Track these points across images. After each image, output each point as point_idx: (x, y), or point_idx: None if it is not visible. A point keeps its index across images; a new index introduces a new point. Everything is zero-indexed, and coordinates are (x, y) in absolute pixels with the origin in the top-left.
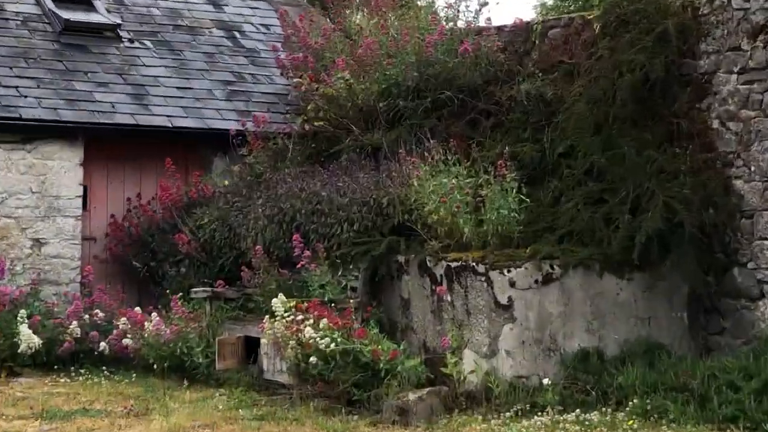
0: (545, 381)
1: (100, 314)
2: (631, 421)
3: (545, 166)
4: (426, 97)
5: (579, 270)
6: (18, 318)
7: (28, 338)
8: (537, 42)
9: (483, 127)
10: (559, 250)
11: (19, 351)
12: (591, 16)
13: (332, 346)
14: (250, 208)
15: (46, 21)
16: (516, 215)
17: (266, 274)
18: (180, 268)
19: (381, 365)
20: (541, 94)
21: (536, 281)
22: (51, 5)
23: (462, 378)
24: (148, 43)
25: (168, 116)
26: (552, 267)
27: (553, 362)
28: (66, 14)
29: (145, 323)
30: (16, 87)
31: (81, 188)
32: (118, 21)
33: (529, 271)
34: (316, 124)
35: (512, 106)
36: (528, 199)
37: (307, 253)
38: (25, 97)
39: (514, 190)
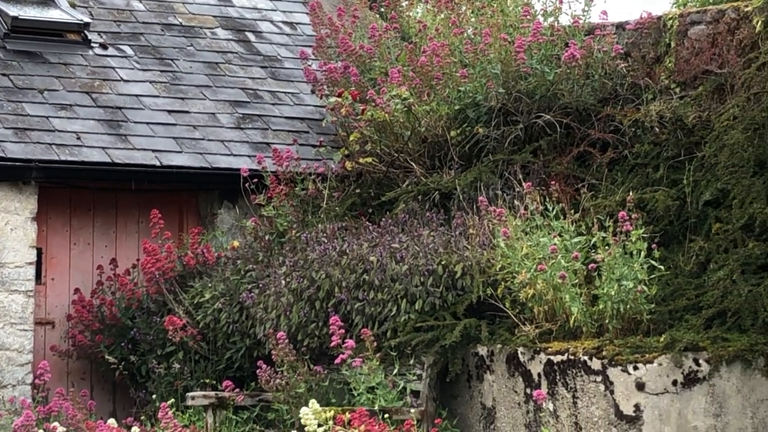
0: None
1: (60, 429)
2: None
3: (686, 219)
4: (516, 122)
5: (736, 366)
6: None
7: None
8: (673, 44)
9: (597, 165)
10: (707, 339)
11: None
12: (749, 8)
13: None
14: (270, 279)
15: None
16: (645, 288)
17: (292, 372)
18: (171, 363)
19: None
20: (679, 117)
21: (675, 383)
22: None
23: None
24: (128, 50)
25: (154, 151)
26: (697, 362)
27: None
28: (13, 10)
29: None
30: None
31: (34, 252)
32: (86, 19)
33: (664, 368)
34: (361, 161)
35: (638, 135)
36: (662, 266)
37: (350, 342)
38: None
39: (643, 254)
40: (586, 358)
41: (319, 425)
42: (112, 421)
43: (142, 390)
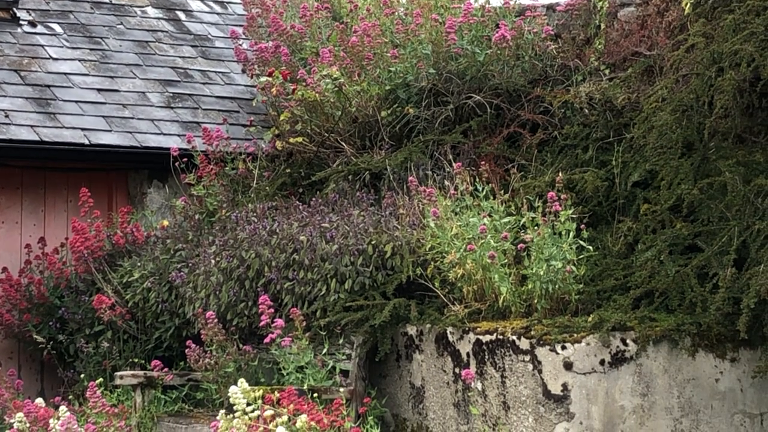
0: None
1: None
2: None
3: (614, 200)
4: (447, 103)
5: (662, 346)
6: None
7: None
8: (603, 26)
9: (527, 146)
10: (634, 318)
11: None
12: None
13: None
14: (199, 258)
15: None
16: (574, 269)
17: (221, 351)
18: (100, 342)
19: None
20: (608, 98)
21: (602, 362)
22: None
23: None
24: (57, 28)
25: (84, 129)
26: (624, 342)
27: None
28: None
29: (51, 421)
30: None
31: None
32: None
33: (592, 347)
34: (292, 140)
35: (568, 116)
36: (591, 247)
37: (280, 321)
38: None
39: (572, 234)
40: (514, 337)
41: (248, 404)
42: (39, 401)
43: (70, 369)
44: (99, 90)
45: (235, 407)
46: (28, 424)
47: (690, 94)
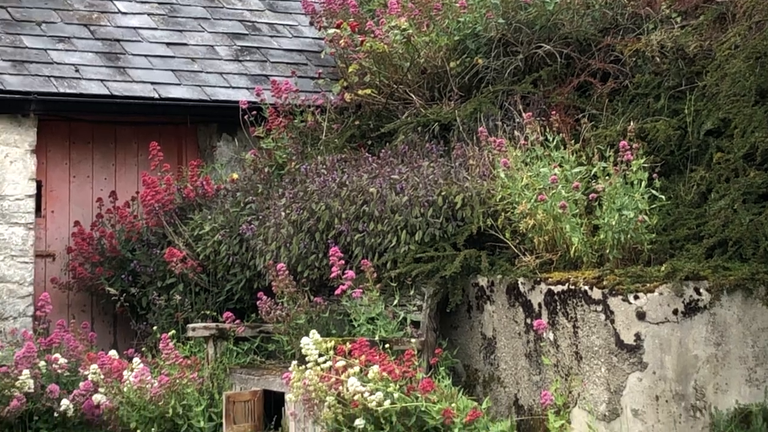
0: None
1: (62, 360)
2: None
3: (687, 149)
4: (516, 53)
5: (737, 295)
6: None
7: None
8: None
9: (597, 95)
10: (707, 268)
11: None
12: None
13: (386, 403)
14: (269, 211)
15: None
16: (646, 218)
17: (292, 303)
18: (172, 295)
19: (456, 431)
20: (680, 46)
21: (675, 312)
22: None
23: None
24: None
25: (153, 83)
26: (698, 292)
27: (700, 426)
28: None
29: (125, 372)
30: None
31: (33, 185)
32: None
33: (665, 297)
34: (360, 92)
35: (639, 65)
36: (663, 196)
37: (350, 273)
38: None
39: (644, 184)
40: (586, 287)
41: (320, 355)
42: (113, 353)
43: (142, 322)
44: (168, 44)
45: (306, 358)
46: (102, 376)
47: (764, 41)
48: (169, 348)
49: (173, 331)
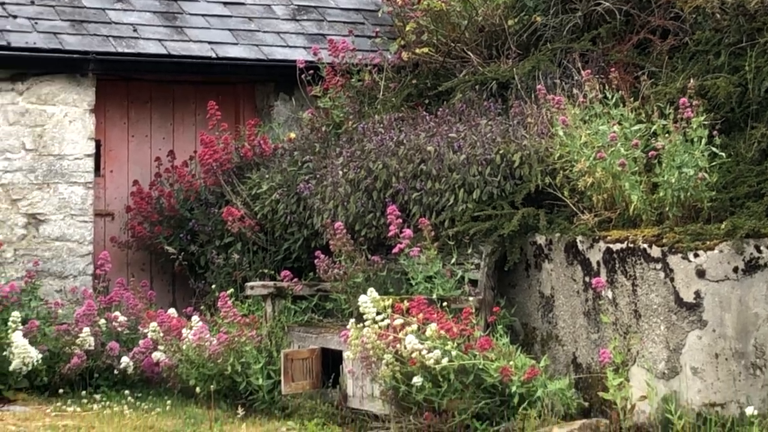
0: (749, 410)
1: (121, 318)
2: None
3: (747, 106)
4: (575, 10)
5: None
6: (9, 323)
7: (22, 351)
8: None
9: (657, 52)
10: None
11: (10, 369)
12: None
13: (444, 361)
14: (327, 170)
15: None
16: (706, 176)
17: (350, 262)
18: (230, 254)
19: (513, 388)
20: (740, 3)
21: (736, 269)
22: None
23: (629, 406)
24: None
25: (210, 43)
26: (759, 249)
27: (760, 384)
28: None
29: (183, 330)
30: (2, 4)
31: (92, 144)
32: None
33: (725, 254)
34: (418, 51)
35: (699, 22)
36: (723, 154)
37: (408, 232)
38: (15, 17)
39: (704, 141)
40: (645, 245)
41: (378, 314)
42: (172, 311)
43: (201, 281)
44: (225, 3)
45: (364, 316)
46: (161, 334)
47: None
48: (228, 306)
49: (231, 290)
